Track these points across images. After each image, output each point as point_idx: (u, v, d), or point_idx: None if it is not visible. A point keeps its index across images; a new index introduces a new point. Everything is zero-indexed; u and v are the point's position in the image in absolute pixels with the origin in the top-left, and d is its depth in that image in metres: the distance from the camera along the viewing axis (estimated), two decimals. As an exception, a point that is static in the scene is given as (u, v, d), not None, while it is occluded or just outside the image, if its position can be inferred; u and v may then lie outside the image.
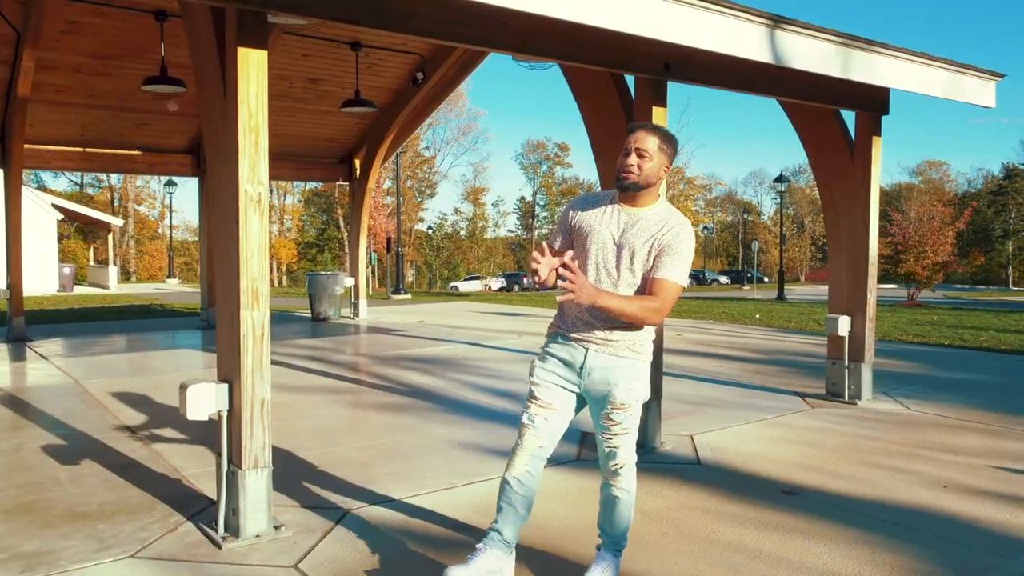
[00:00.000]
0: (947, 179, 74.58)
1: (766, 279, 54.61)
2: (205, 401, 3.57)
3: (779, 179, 29.94)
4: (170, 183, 38.80)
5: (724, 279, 54.58)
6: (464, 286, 45.85)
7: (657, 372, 5.26)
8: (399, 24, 3.98)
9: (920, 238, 20.37)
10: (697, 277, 51.34)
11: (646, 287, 2.92)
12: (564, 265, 2.71)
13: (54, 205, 29.62)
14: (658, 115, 5.10)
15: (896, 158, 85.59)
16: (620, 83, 5.28)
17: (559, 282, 2.76)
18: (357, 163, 14.08)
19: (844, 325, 6.56)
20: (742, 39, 4.48)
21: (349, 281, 14.24)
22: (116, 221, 34.63)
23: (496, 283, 48.04)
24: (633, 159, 2.94)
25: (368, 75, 11.67)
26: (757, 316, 15.66)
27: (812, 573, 3.26)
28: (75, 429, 5.77)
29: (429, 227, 61.65)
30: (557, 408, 3.00)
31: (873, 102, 6.40)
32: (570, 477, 4.55)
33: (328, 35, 10.55)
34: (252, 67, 3.50)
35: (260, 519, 3.63)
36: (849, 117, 6.60)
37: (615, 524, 3.04)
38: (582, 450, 5.14)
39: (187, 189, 62.81)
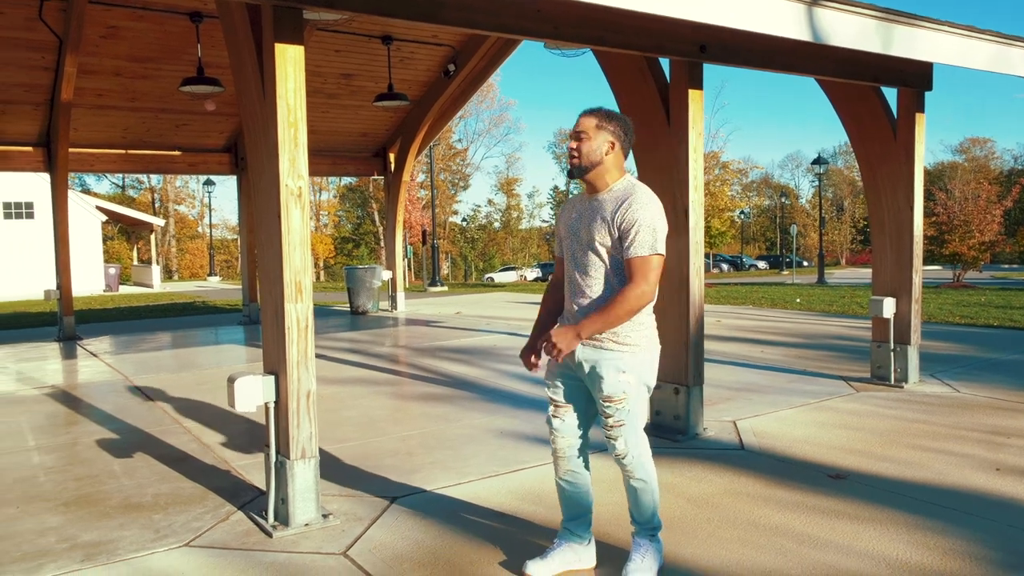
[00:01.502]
0: (992, 156, 72.52)
1: (805, 263, 53.77)
2: (252, 393, 3.64)
3: (817, 161, 29.41)
4: (208, 182, 39.42)
5: (762, 264, 53.82)
6: (499, 277, 45.90)
7: (698, 358, 5.22)
8: (431, 14, 3.99)
9: (966, 217, 19.87)
10: (735, 263, 50.69)
11: (616, 267, 2.88)
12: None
13: (98, 207, 30.34)
14: (694, 98, 5.04)
15: (938, 136, 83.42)
16: (655, 67, 5.22)
17: (540, 356, 2.88)
18: (391, 156, 14.17)
19: (889, 307, 6.44)
20: (779, 17, 4.40)
21: (386, 274, 14.35)
22: (158, 221, 35.35)
23: (531, 273, 48.01)
24: (572, 143, 2.93)
25: (400, 68, 11.73)
26: (798, 300, 15.45)
27: (862, 557, 3.22)
28: (127, 423, 5.92)
29: (463, 219, 61.78)
30: (571, 404, 3.06)
31: (915, 78, 6.25)
32: (612, 464, 4.52)
33: (360, 30, 10.62)
34: (289, 63, 3.54)
35: (309, 508, 3.69)
36: (890, 94, 6.46)
37: (640, 511, 3.05)
38: (624, 437, 5.13)
39: (225, 188, 63.84)
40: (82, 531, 3.73)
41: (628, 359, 2.87)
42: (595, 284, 2.90)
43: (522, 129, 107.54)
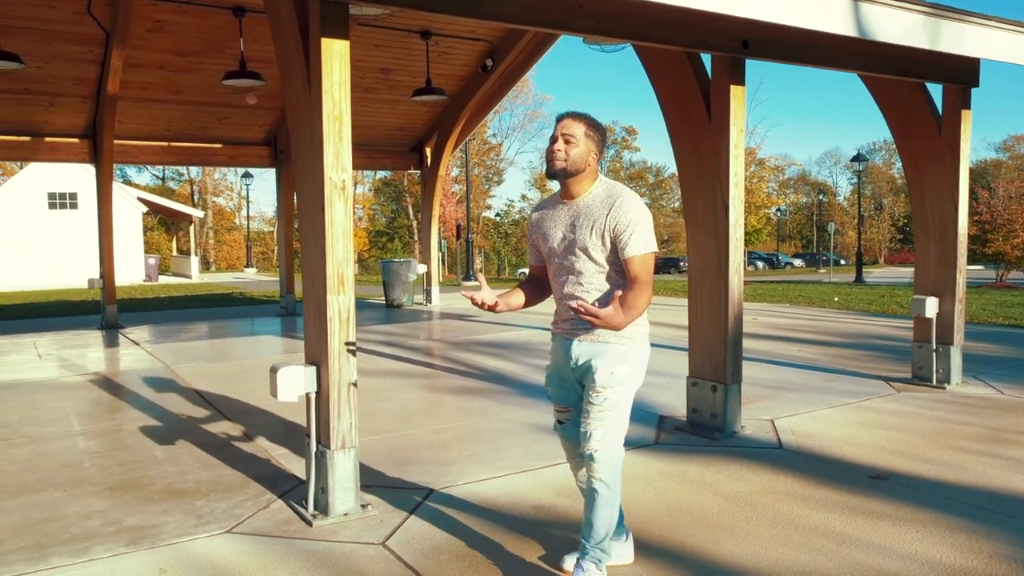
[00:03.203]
0: (1038, 154, 70.61)
1: (842, 261, 52.92)
2: (295, 383, 3.69)
3: (857, 158, 28.94)
4: (247, 175, 40.00)
5: (798, 262, 53.09)
6: (532, 272, 45.78)
7: (736, 355, 5.19)
8: (471, 9, 4.00)
9: (1009, 216, 19.43)
10: (770, 261, 50.08)
11: (618, 268, 2.86)
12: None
13: (139, 198, 30.96)
14: (736, 94, 4.99)
15: (981, 133, 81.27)
16: (696, 62, 5.18)
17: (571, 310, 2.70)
18: (428, 151, 14.23)
19: (932, 306, 6.33)
20: (824, 13, 4.34)
21: (421, 268, 14.44)
22: (197, 213, 35.96)
23: (564, 269, 47.81)
24: (559, 145, 2.89)
25: (438, 63, 11.77)
26: (836, 299, 15.23)
27: (904, 559, 3.18)
28: (168, 411, 6.04)
29: (497, 214, 61.79)
30: (572, 406, 3.08)
31: (962, 74, 6.13)
32: (649, 460, 4.53)
33: (399, 25, 10.67)
34: (335, 57, 3.59)
35: (348, 498, 3.74)
36: (935, 90, 6.33)
37: (593, 526, 2.87)
38: (660, 434, 5.12)
39: (262, 180, 64.75)
40: (127, 515, 3.82)
41: (626, 351, 2.89)
42: (589, 288, 2.91)
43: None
